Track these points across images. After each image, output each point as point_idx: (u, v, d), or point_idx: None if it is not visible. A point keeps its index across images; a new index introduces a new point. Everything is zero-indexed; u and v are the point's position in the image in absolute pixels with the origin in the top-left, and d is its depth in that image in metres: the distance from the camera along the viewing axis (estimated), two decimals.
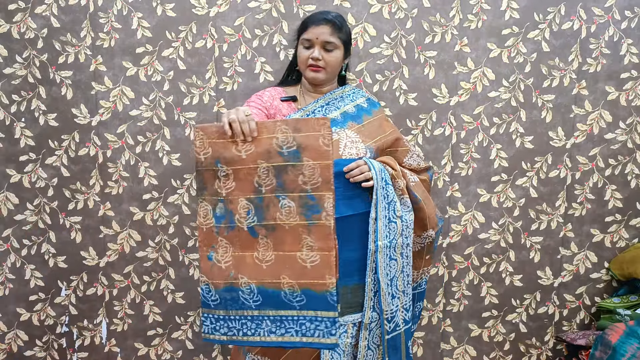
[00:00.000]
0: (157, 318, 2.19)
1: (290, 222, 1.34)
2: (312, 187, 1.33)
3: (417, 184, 1.71)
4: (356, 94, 1.76)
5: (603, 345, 1.89)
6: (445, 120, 2.13)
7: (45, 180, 2.09)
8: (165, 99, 2.08)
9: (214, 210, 1.37)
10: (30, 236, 2.12)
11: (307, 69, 1.66)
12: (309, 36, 1.63)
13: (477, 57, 2.10)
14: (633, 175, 2.19)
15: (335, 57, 1.65)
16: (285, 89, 1.75)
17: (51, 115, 2.06)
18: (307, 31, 1.64)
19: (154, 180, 2.12)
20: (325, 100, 1.71)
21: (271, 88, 1.76)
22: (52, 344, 2.18)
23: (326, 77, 1.67)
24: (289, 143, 1.33)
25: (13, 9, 1.99)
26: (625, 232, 2.22)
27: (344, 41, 1.66)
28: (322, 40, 1.62)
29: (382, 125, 1.74)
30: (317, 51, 1.62)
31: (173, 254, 2.16)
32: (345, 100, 1.73)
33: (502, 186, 2.18)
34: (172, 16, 2.03)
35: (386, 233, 1.59)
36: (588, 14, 2.09)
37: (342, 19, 1.67)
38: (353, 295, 1.61)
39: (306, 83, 1.73)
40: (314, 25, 1.63)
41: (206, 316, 1.40)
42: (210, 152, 1.35)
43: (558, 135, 2.16)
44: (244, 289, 1.37)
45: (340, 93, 1.74)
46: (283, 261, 1.35)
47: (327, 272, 1.33)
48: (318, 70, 1.64)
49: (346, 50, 1.69)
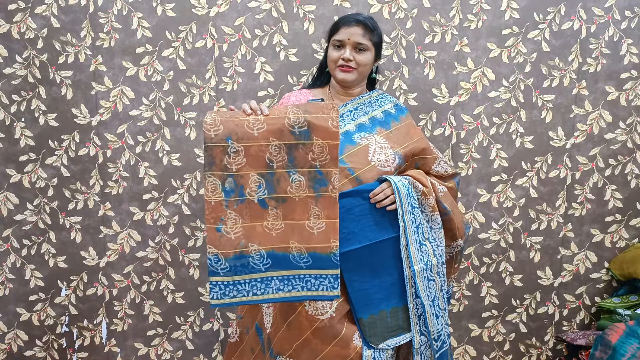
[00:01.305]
0: (157, 318, 2.19)
1: (300, 195, 1.47)
2: (321, 164, 1.46)
3: (446, 194, 1.69)
4: (384, 100, 1.76)
5: (603, 345, 1.89)
6: (445, 120, 2.13)
7: (45, 180, 2.09)
8: (165, 99, 2.08)
9: (222, 184, 1.44)
10: (30, 236, 2.12)
11: (337, 69, 1.65)
12: (341, 37, 1.63)
13: (477, 57, 2.10)
14: (633, 175, 2.19)
15: (366, 58, 1.64)
16: (312, 91, 1.75)
17: (51, 115, 2.06)
18: (339, 32, 1.64)
19: (154, 180, 2.12)
20: (354, 105, 1.70)
21: (297, 91, 1.76)
22: (52, 344, 2.18)
23: (356, 78, 1.66)
24: (300, 123, 1.44)
25: (13, 9, 1.99)
26: (625, 232, 2.22)
27: (376, 43, 1.66)
28: (354, 41, 1.62)
29: (409, 132, 1.73)
30: (348, 52, 1.62)
31: (173, 254, 2.16)
32: (374, 105, 1.72)
33: (502, 186, 2.18)
34: (172, 16, 2.03)
35: (419, 257, 1.59)
36: (588, 14, 2.09)
37: (375, 22, 1.67)
38: (392, 318, 1.60)
39: (336, 85, 1.72)
40: (346, 26, 1.63)
41: (214, 284, 1.47)
42: (221, 129, 1.43)
43: (558, 135, 2.16)
44: (254, 254, 1.47)
45: (368, 98, 1.73)
46: (292, 229, 1.47)
47: (332, 236, 1.46)
48: (349, 70, 1.64)
49: (377, 53, 1.69)
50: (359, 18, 1.63)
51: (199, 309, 2.20)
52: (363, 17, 1.65)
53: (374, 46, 1.66)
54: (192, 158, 2.11)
